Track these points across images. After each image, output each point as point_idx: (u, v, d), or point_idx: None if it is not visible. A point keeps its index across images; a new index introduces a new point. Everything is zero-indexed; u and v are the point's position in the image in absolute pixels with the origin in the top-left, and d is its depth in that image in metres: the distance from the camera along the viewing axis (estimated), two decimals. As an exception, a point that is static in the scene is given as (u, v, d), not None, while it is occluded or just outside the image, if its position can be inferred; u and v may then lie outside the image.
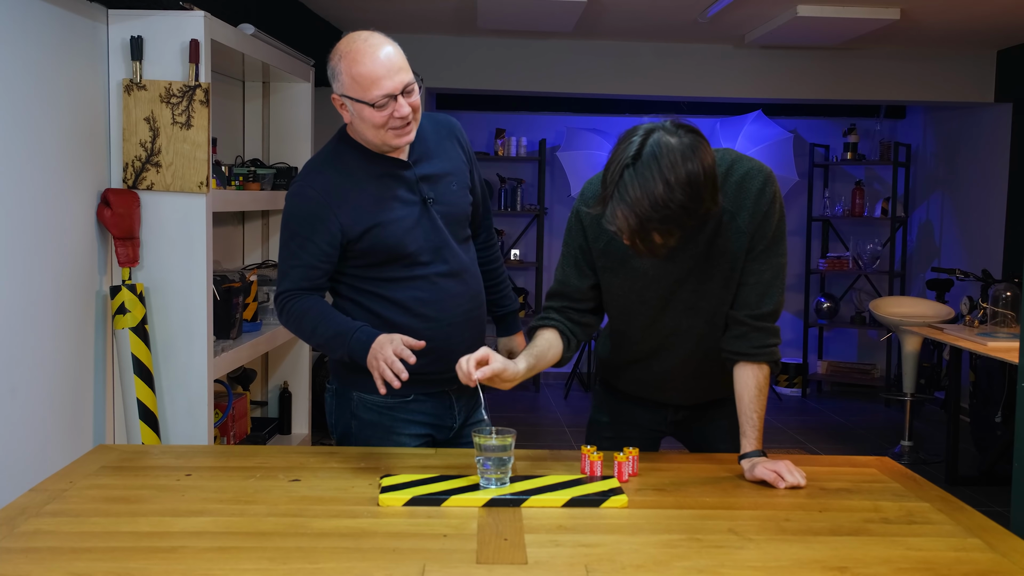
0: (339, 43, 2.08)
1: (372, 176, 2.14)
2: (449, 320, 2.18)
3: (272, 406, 4.49)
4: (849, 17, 5.05)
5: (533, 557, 1.53)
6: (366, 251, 2.14)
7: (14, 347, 2.60)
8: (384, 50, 2.04)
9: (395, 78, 2.03)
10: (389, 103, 2.04)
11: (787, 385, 7.28)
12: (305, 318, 2.13)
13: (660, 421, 2.29)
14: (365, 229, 2.11)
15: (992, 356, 4.44)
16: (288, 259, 2.15)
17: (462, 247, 2.24)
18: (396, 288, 2.17)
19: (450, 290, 2.19)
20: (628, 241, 1.83)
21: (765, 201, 1.96)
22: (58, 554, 1.52)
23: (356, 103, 2.05)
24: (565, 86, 6.39)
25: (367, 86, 2.02)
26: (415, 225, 2.15)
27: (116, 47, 3.05)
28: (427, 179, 2.18)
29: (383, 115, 2.04)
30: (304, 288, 2.14)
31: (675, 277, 2.00)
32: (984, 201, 6.60)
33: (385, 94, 2.03)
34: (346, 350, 2.08)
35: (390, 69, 2.03)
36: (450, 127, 2.29)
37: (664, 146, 1.76)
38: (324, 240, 2.11)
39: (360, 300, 2.19)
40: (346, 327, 2.09)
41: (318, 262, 2.12)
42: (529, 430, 5.83)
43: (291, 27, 4.84)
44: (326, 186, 2.11)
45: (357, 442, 2.26)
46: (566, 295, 2.12)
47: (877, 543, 1.63)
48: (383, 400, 2.20)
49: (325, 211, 2.10)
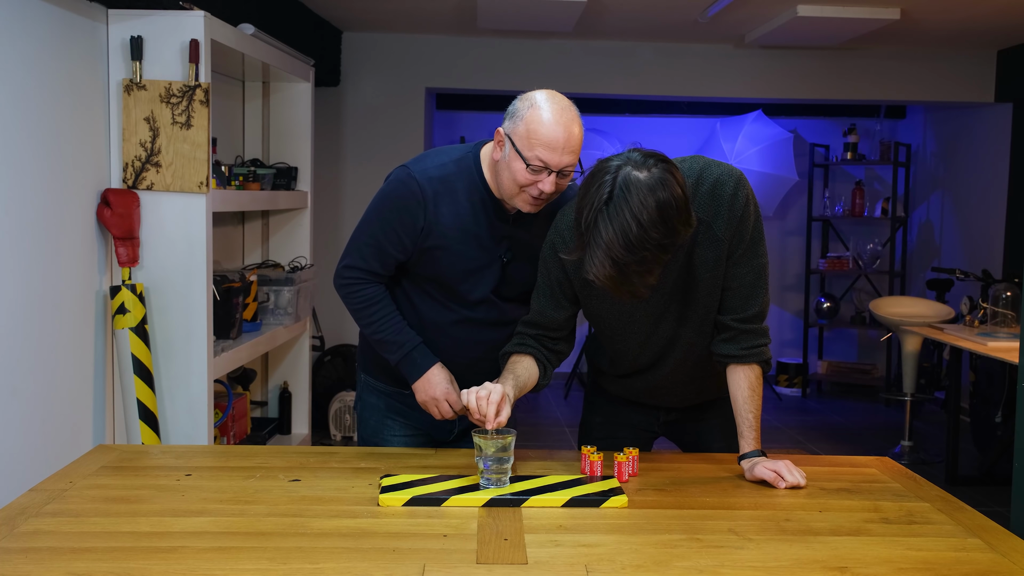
0: (537, 92, 2.02)
1: (472, 206, 2.11)
2: (453, 357, 2.19)
3: (272, 406, 4.49)
4: (849, 17, 5.05)
5: (533, 557, 1.53)
6: (424, 263, 2.14)
7: (14, 347, 2.60)
8: (574, 128, 1.99)
9: (562, 156, 1.98)
10: (542, 172, 1.99)
11: (787, 385, 7.28)
12: (370, 308, 2.16)
13: (653, 422, 2.30)
14: (435, 245, 2.10)
15: (992, 356, 4.43)
16: (367, 235, 2.14)
17: (513, 304, 2.21)
18: (427, 303, 2.19)
19: (472, 336, 2.20)
20: (610, 289, 1.80)
21: (739, 206, 1.94)
22: (58, 554, 1.51)
23: (514, 151, 1.99)
24: (565, 86, 6.30)
25: (535, 145, 1.96)
26: (478, 270, 2.14)
27: (116, 47, 3.05)
28: (516, 241, 2.14)
29: (529, 178, 1.99)
30: (375, 273, 2.15)
31: (661, 293, 1.99)
32: (984, 201, 6.60)
33: (545, 163, 1.97)
34: (397, 359, 2.16)
35: (565, 147, 1.97)
36: None
37: (634, 184, 1.73)
38: (407, 234, 2.10)
39: (392, 292, 2.21)
40: (405, 339, 2.15)
41: (394, 250, 2.12)
42: (529, 430, 5.83)
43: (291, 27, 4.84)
44: (431, 185, 2.09)
45: (362, 424, 2.36)
46: (542, 324, 2.11)
47: (877, 543, 1.63)
48: (384, 387, 2.31)
49: (419, 207, 2.08)
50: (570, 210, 1.96)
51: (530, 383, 2.09)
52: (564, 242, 2.00)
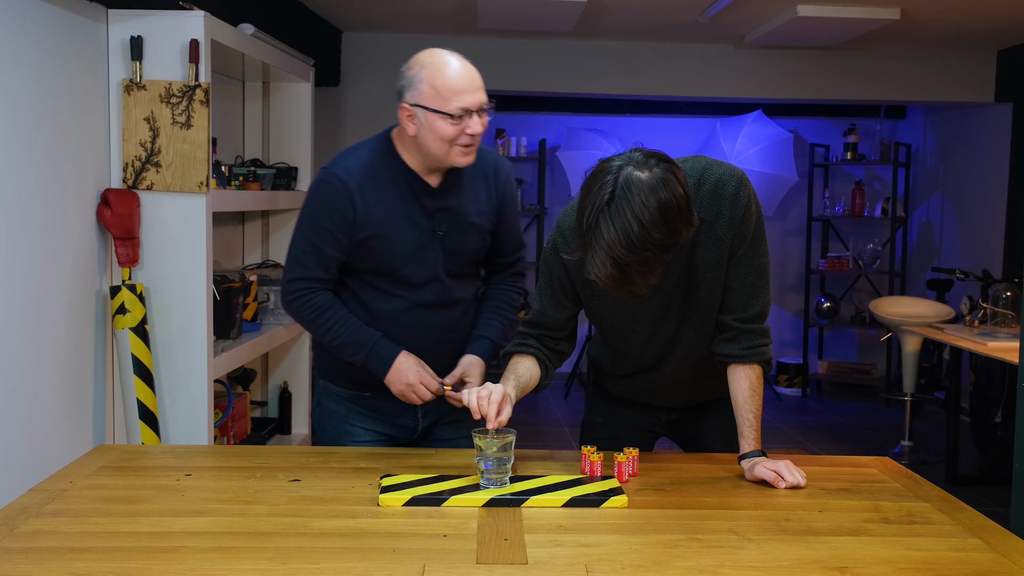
0: (419, 55, 2.08)
1: (397, 188, 2.14)
2: (413, 347, 2.19)
3: (272, 406, 4.49)
4: (849, 17, 5.05)
5: (533, 557, 1.54)
6: (363, 256, 2.15)
7: (14, 347, 2.60)
8: (468, 67, 2.07)
9: (476, 94, 2.05)
10: (464, 118, 2.04)
11: (787, 385, 7.28)
12: (322, 316, 2.16)
13: (654, 422, 2.30)
14: (370, 235, 2.12)
15: (992, 356, 4.44)
16: (303, 243, 2.16)
17: (458, 281, 2.24)
18: (375, 297, 2.19)
19: (425, 320, 2.21)
20: (611, 289, 1.80)
21: (740, 205, 1.95)
22: (58, 554, 1.51)
23: (431, 113, 2.03)
24: (565, 86, 6.39)
25: (448, 96, 2.02)
26: (417, 250, 2.16)
27: (116, 47, 3.05)
28: (446, 212, 2.17)
29: (456, 129, 2.04)
30: (319, 279, 2.16)
31: (663, 293, 1.99)
32: (984, 201, 6.60)
33: (464, 107, 2.03)
34: (363, 358, 2.15)
35: (472, 84, 2.05)
36: (491, 165, 2.26)
37: (635, 184, 1.73)
38: (340, 230, 2.12)
39: (337, 292, 2.21)
40: (366, 336, 2.15)
41: (332, 251, 2.13)
42: (529, 430, 5.83)
43: (291, 27, 4.84)
44: (352, 178, 2.12)
45: (320, 430, 2.35)
46: (543, 325, 2.12)
47: (877, 543, 1.63)
48: (342, 391, 2.30)
49: (345, 201, 2.10)
50: (572, 210, 1.97)
51: (532, 383, 2.09)
52: (566, 242, 2.00)
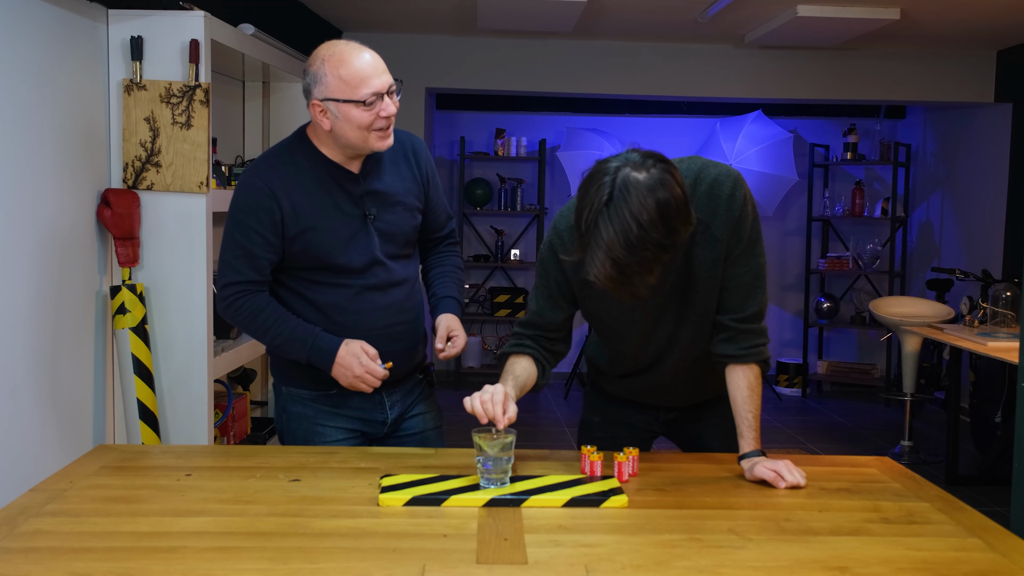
0: (317, 50, 2.12)
1: (320, 181, 2.16)
2: (366, 331, 2.20)
3: (272, 406, 4.49)
4: (849, 17, 5.05)
5: (533, 557, 1.53)
6: (297, 253, 2.16)
7: (14, 347, 2.60)
8: (368, 52, 2.12)
9: (382, 77, 2.09)
10: (377, 102, 2.07)
11: (787, 385, 7.28)
12: (259, 317, 2.17)
13: (652, 421, 2.30)
14: (301, 230, 2.14)
15: (992, 356, 4.44)
16: (233, 247, 2.17)
17: (398, 263, 2.25)
18: (319, 291, 2.20)
19: (374, 302, 2.21)
20: (610, 290, 1.80)
21: (737, 205, 1.95)
22: (58, 554, 1.51)
23: (342, 104, 2.07)
24: (565, 86, 6.39)
25: (356, 84, 2.05)
26: (351, 238, 2.17)
27: (116, 47, 3.05)
28: (373, 195, 2.20)
29: (370, 115, 2.07)
30: (253, 281, 2.16)
31: (660, 294, 1.99)
32: (984, 201, 6.60)
33: (374, 92, 2.06)
34: (305, 355, 2.16)
35: (376, 68, 2.08)
36: (409, 145, 2.29)
37: (633, 185, 1.73)
38: (269, 230, 2.13)
39: (282, 295, 2.22)
40: (304, 332, 2.16)
41: (263, 252, 2.15)
42: (529, 430, 5.83)
43: (291, 27, 4.85)
44: (273, 178, 2.14)
45: (288, 436, 2.34)
46: (540, 325, 2.12)
47: (877, 543, 1.63)
48: (307, 392, 2.29)
49: (270, 201, 2.12)
50: (568, 212, 1.97)
51: (529, 383, 2.10)
52: (563, 243, 2.00)
